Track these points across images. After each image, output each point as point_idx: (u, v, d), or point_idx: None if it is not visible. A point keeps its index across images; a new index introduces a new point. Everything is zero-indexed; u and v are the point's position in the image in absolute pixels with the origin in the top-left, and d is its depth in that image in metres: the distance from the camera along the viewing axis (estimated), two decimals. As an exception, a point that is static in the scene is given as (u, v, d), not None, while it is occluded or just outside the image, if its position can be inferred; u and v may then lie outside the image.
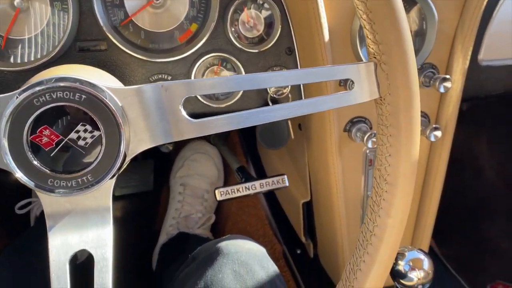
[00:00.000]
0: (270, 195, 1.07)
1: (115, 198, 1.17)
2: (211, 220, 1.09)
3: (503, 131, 1.39)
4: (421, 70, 0.70)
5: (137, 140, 0.38)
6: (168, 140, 0.38)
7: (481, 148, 1.52)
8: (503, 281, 1.24)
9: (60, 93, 0.36)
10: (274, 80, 0.34)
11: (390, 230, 0.34)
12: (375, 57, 0.33)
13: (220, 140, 0.95)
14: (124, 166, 0.40)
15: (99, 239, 0.39)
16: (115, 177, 0.39)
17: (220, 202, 1.21)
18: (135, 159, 1.22)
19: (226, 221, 1.14)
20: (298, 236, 0.93)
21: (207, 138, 1.03)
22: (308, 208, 0.88)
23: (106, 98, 0.37)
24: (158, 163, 1.17)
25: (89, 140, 0.38)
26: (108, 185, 0.39)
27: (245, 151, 1.17)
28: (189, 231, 1.04)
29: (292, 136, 0.78)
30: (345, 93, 0.34)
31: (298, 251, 0.95)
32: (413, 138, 0.33)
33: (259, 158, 1.11)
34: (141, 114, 0.38)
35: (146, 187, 1.14)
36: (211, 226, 1.11)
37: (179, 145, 1.17)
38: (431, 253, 0.96)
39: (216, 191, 0.72)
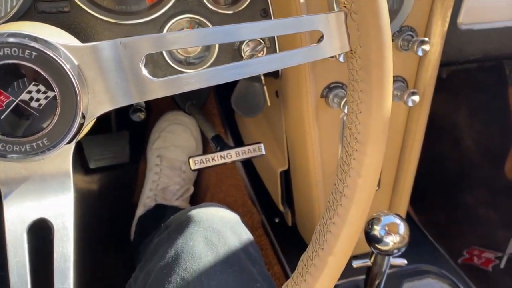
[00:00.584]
0: (248, 165, 1.05)
1: (91, 171, 1.15)
2: (190, 192, 1.08)
3: (482, 100, 1.39)
4: (399, 33, 0.68)
5: (96, 102, 0.36)
6: (129, 101, 0.36)
7: (460, 117, 1.53)
8: (478, 247, 1.26)
9: (7, 50, 0.33)
10: (238, 33, 0.32)
11: (360, 190, 0.33)
12: (345, 6, 0.31)
13: (195, 108, 0.93)
14: (84, 130, 0.38)
15: (59, 207, 0.37)
16: (74, 141, 0.37)
17: (199, 173, 1.20)
18: (109, 131, 1.19)
19: (205, 192, 1.13)
20: (276, 205, 0.92)
21: (183, 108, 1.00)
22: (286, 176, 0.87)
23: (60, 56, 0.34)
24: (134, 134, 1.15)
25: (43, 102, 0.35)
26: (67, 150, 0.37)
27: (223, 122, 1.15)
28: (166, 203, 1.02)
29: (269, 103, 0.76)
30: (314, 46, 0.32)
31: (277, 220, 0.94)
32: (384, 93, 0.31)
33: (238, 129, 1.10)
34: (99, 73, 0.35)
35: (121, 159, 1.12)
36: (190, 198, 1.10)
37: (155, 117, 1.14)
38: (408, 220, 0.96)
39: (190, 160, 0.70)
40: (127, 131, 1.11)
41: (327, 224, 0.36)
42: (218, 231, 0.52)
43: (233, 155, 0.73)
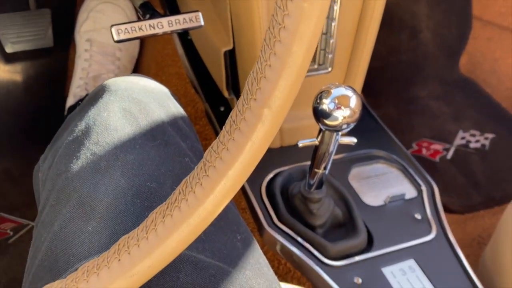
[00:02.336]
0: (191, 51, 0.94)
1: (10, 58, 1.00)
2: (126, 80, 0.97)
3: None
4: None
5: None
6: None
7: (420, 8, 1.45)
8: (428, 139, 1.26)
9: None
10: None
11: (306, 19, 0.25)
12: None
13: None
14: None
15: None
16: None
17: (138, 62, 1.08)
18: (26, 8, 1.02)
19: (144, 82, 1.02)
20: (221, 93, 0.84)
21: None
22: (231, 59, 0.77)
23: None
24: (58, 13, 0.99)
25: None
26: None
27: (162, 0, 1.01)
28: (99, 93, 0.91)
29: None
30: None
31: (222, 109, 0.87)
32: None
33: (178, 7, 0.96)
34: None
35: (44, 43, 0.97)
36: (127, 88, 0.99)
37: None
38: (365, 112, 0.92)
39: (113, 29, 0.59)
40: (48, 9, 0.96)
41: (261, 68, 0.28)
42: (139, 101, 0.43)
43: (165, 24, 0.62)
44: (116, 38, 0.59)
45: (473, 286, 0.60)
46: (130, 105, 0.43)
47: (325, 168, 0.61)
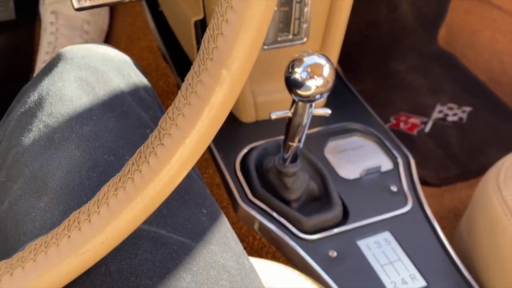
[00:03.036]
0: (161, 22, 0.90)
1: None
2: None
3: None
4: None
5: None
6: None
7: (399, -20, 1.43)
8: (406, 112, 1.26)
9: None
10: None
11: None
12: None
13: None
14: None
15: None
16: None
17: (108, 37, 1.03)
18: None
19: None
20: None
21: None
22: (203, 29, 0.74)
23: None
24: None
25: None
26: None
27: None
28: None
29: None
30: None
31: (195, 82, 0.84)
32: None
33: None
34: None
35: (5, 15, 0.92)
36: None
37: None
38: (340, 81, 0.90)
39: (72, -4, 0.55)
40: (7, -21, 0.90)
41: (218, 24, 0.25)
42: (97, 70, 0.40)
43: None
44: (76, 5, 0.56)
45: (448, 257, 0.60)
46: (87, 74, 0.40)
47: (299, 141, 0.60)
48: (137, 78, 0.44)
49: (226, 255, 0.33)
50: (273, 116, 0.56)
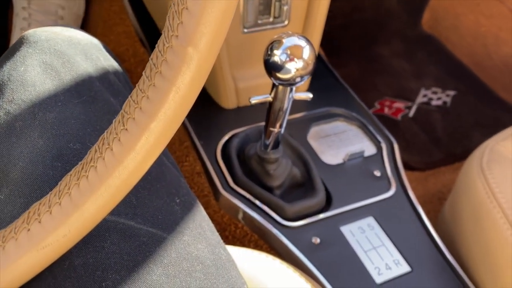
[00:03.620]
0: (138, 6, 0.87)
1: None
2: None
3: None
4: None
5: None
6: None
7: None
8: (390, 97, 1.25)
9: None
10: None
11: None
12: None
13: None
14: None
15: None
16: None
17: (84, 22, 1.00)
18: None
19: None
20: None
21: None
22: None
23: None
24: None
25: None
26: None
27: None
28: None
29: None
30: None
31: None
32: None
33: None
34: None
35: (-26, 0, 0.88)
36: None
37: None
38: (322, 65, 0.88)
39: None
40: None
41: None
42: (63, 53, 0.38)
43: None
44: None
45: (432, 242, 0.59)
46: (52, 58, 0.37)
47: (280, 127, 0.58)
48: (107, 62, 0.41)
49: (200, 246, 0.32)
50: (253, 101, 0.54)
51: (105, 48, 0.44)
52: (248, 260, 0.45)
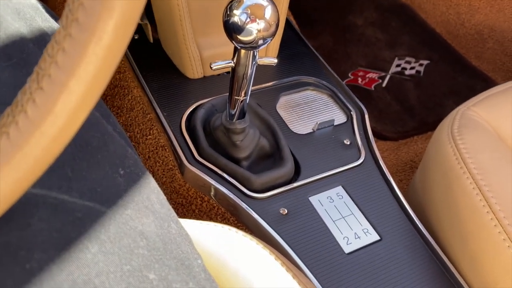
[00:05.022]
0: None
1: None
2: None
3: None
4: None
5: None
6: None
7: None
8: (363, 68, 1.23)
9: None
10: None
11: None
12: None
13: None
14: None
15: None
16: None
17: None
18: None
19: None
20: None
21: None
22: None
23: None
24: None
25: None
26: None
27: None
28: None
29: None
30: None
31: (136, 37, 0.77)
32: None
33: None
34: None
35: None
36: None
37: None
38: (292, 32, 0.85)
39: None
40: None
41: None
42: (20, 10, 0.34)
43: None
44: None
45: (402, 210, 0.58)
46: None
47: (245, 94, 0.55)
48: (45, 23, 0.37)
49: (146, 220, 0.29)
50: (214, 67, 0.51)
51: (45, 9, 0.40)
52: (209, 234, 0.42)
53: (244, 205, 0.56)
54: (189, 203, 0.62)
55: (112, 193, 0.29)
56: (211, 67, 0.51)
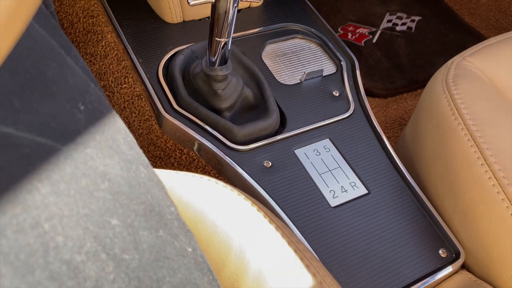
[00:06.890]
0: None
1: None
2: None
3: None
4: None
5: None
6: None
7: None
8: (354, 23, 1.18)
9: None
10: None
11: None
12: None
13: None
14: None
15: None
16: None
17: None
18: None
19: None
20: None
21: None
22: None
23: None
24: None
25: None
26: None
27: None
28: None
29: None
30: None
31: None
32: None
33: None
34: None
35: None
36: None
37: None
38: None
39: None
40: None
41: None
42: None
43: None
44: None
45: (391, 163, 0.56)
46: None
47: (228, 36, 0.51)
48: None
49: (110, 161, 0.25)
50: (192, 2, 0.46)
51: None
52: (186, 184, 0.39)
53: (226, 158, 0.52)
54: (167, 156, 0.58)
55: (69, 130, 0.25)
56: (188, 2, 0.46)
